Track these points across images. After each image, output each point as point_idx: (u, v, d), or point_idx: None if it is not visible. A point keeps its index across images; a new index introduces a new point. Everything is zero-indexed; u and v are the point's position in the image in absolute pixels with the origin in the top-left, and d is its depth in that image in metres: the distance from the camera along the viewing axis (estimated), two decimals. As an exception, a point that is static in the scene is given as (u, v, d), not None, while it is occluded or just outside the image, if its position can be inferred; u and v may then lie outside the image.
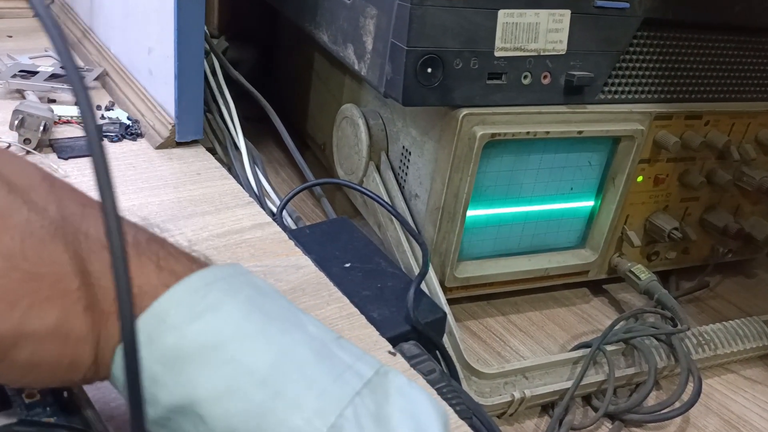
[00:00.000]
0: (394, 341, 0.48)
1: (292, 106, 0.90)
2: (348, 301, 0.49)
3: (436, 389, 0.45)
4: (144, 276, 0.27)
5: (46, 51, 0.79)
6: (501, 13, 0.51)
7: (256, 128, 0.79)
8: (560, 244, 0.66)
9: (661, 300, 0.63)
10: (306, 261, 0.52)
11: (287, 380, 0.26)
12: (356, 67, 0.58)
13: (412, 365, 0.46)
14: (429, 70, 0.51)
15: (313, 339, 0.28)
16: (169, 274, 0.28)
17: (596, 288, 0.73)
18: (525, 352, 0.62)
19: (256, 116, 0.80)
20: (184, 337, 0.26)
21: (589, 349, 0.57)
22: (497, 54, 0.53)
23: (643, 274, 0.65)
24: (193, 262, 0.30)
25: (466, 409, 0.45)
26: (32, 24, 0.89)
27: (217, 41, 0.93)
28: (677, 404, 0.56)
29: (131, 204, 0.55)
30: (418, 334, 0.49)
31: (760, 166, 0.70)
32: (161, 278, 0.27)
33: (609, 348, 0.58)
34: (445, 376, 0.47)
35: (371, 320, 0.48)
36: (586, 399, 0.58)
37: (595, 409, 0.56)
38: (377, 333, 0.46)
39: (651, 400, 0.58)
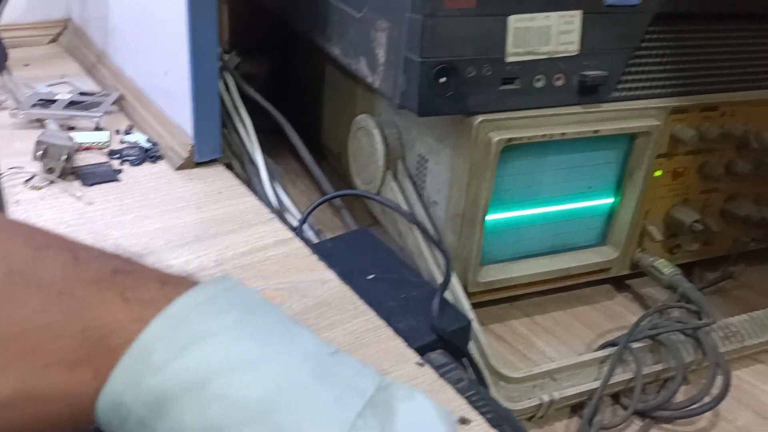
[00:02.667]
0: (421, 351, 0.49)
1: (307, 117, 0.91)
2: (374, 313, 0.49)
3: (466, 398, 0.45)
4: (109, 313, 0.25)
5: (62, 78, 0.80)
6: (512, 18, 0.52)
7: (271, 140, 0.80)
8: (581, 242, 0.66)
9: (686, 294, 0.63)
10: (330, 275, 0.53)
11: (284, 411, 0.25)
12: (369, 79, 0.58)
13: (440, 375, 0.47)
14: (443, 79, 0.51)
15: (310, 357, 0.27)
16: (137, 305, 0.26)
17: (619, 284, 0.72)
18: (551, 353, 0.62)
19: (271, 128, 0.81)
20: (167, 378, 0.24)
21: (615, 348, 0.57)
22: (509, 59, 0.53)
23: (667, 268, 0.65)
24: (166, 286, 0.27)
25: (497, 416, 0.45)
26: (47, 51, 0.90)
27: (229, 56, 0.94)
28: (706, 399, 0.56)
29: (155, 227, 0.56)
30: (444, 343, 0.50)
31: (779, 154, 0.70)
32: (129, 311, 0.26)
33: (635, 345, 0.58)
34: (473, 384, 0.47)
35: (398, 331, 0.49)
36: (615, 398, 0.58)
37: (624, 408, 0.56)
38: (404, 344, 0.47)
39: (680, 396, 0.58)
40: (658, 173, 0.64)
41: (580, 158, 0.60)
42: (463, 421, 0.41)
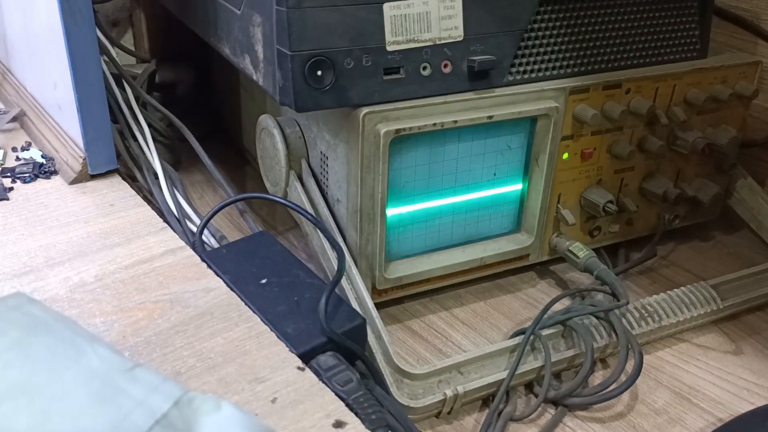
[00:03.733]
0: (311, 354, 0.47)
1: (229, 122, 0.89)
2: (259, 319, 0.48)
3: (352, 399, 0.44)
4: None
5: (-36, 97, 0.78)
6: (386, 6, 0.50)
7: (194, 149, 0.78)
8: (495, 231, 0.65)
9: (600, 276, 0.62)
10: (217, 283, 0.51)
11: None
12: (254, 77, 0.56)
13: (327, 377, 0.45)
14: (319, 72, 0.50)
15: (96, 377, 0.26)
16: None
17: (544, 270, 0.71)
18: (467, 345, 0.61)
19: (198, 136, 0.79)
20: None
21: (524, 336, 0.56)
22: (390, 48, 0.51)
23: (581, 251, 0.64)
24: None
25: (382, 416, 0.43)
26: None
27: (146, 65, 0.92)
28: (622, 379, 0.54)
29: (38, 244, 0.54)
30: (337, 345, 0.48)
31: (695, 127, 0.69)
32: None
33: (546, 332, 0.57)
34: (363, 385, 0.46)
35: (285, 336, 0.47)
36: (529, 387, 0.56)
37: (537, 397, 0.54)
38: (287, 349, 0.45)
39: (598, 381, 0.56)
40: (565, 156, 0.63)
41: (481, 145, 0.59)
42: (338, 424, 0.39)
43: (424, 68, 0.53)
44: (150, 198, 0.65)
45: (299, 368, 0.43)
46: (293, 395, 0.41)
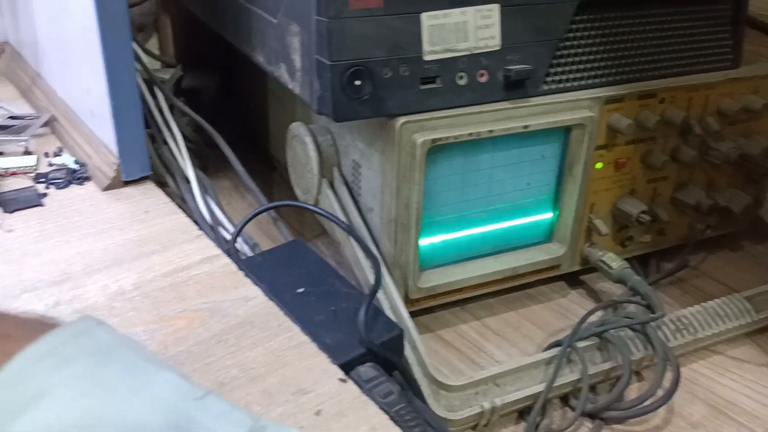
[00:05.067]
0: (351, 365, 0.47)
1: (256, 128, 0.89)
2: (299, 329, 0.48)
3: (393, 411, 0.44)
4: None
5: (-5, 102, 0.78)
6: (424, 16, 0.50)
7: (222, 155, 0.78)
8: (527, 240, 0.64)
9: (634, 287, 0.61)
10: (255, 292, 0.51)
11: None
12: (290, 86, 0.56)
13: (368, 389, 0.45)
14: (357, 82, 0.49)
15: (168, 406, 0.25)
16: None
17: (574, 280, 0.71)
18: (500, 356, 0.60)
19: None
20: None
21: (561, 348, 0.56)
22: (427, 58, 0.51)
23: (615, 262, 0.63)
24: (7, 341, 0.25)
25: (425, 430, 0.43)
26: (-17, 76, 0.88)
27: (173, 71, 0.93)
28: (659, 394, 0.54)
29: (75, 252, 0.54)
30: (374, 356, 0.48)
31: (727, 138, 0.68)
32: None
33: (582, 344, 0.56)
34: (404, 397, 0.45)
35: (324, 346, 0.47)
36: (565, 400, 0.56)
37: (574, 410, 0.54)
38: (328, 360, 0.45)
39: (634, 394, 0.56)
40: (599, 165, 0.62)
41: (516, 155, 0.59)
42: None
43: (461, 78, 0.53)
44: (181, 204, 0.65)
45: (341, 380, 0.43)
46: (337, 407, 0.41)
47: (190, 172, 0.65)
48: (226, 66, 0.96)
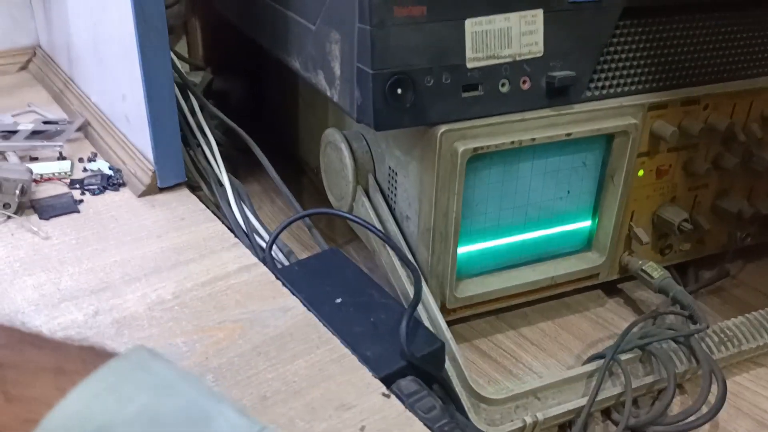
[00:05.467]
0: (391, 379, 0.46)
1: (285, 132, 0.89)
2: (339, 342, 0.47)
3: (437, 428, 0.43)
4: None
5: (29, 106, 0.79)
6: (468, 23, 0.49)
7: (250, 158, 0.77)
8: (565, 249, 0.63)
9: (676, 298, 0.60)
10: (294, 302, 0.50)
11: None
12: (328, 93, 0.56)
13: (410, 404, 0.44)
14: (399, 91, 0.49)
15: None
16: (23, 404, 0.23)
17: (610, 288, 0.69)
18: (538, 367, 0.59)
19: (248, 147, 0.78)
20: None
21: (602, 360, 0.54)
22: (470, 65, 0.50)
23: (656, 271, 0.62)
24: (60, 376, 0.25)
25: (469, 446, 0.42)
26: (16, 79, 0.89)
27: (202, 74, 0.92)
28: (703, 410, 0.53)
29: (113, 260, 0.54)
30: (415, 369, 0.47)
31: (770, 144, 0.66)
32: (14, 412, 0.23)
33: (624, 357, 0.55)
34: (448, 411, 0.45)
35: (364, 359, 0.46)
36: (606, 413, 0.55)
37: (616, 424, 0.53)
38: (370, 374, 0.44)
39: (676, 408, 0.55)
40: (640, 173, 0.61)
41: (556, 162, 0.58)
42: None
43: (503, 85, 0.52)
44: (215, 211, 0.64)
45: (384, 395, 0.43)
46: (381, 424, 0.40)
47: (225, 178, 0.64)
48: (253, 69, 0.96)
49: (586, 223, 0.63)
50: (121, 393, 0.24)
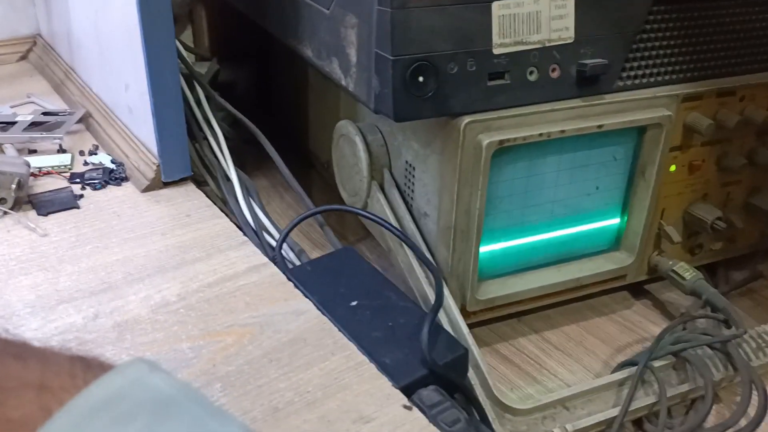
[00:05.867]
0: (412, 388, 0.43)
1: (294, 124, 0.86)
2: (355, 347, 0.44)
3: (462, 442, 0.40)
4: None
5: (28, 97, 0.75)
6: (495, 5, 0.46)
7: (258, 151, 0.74)
8: (592, 249, 0.60)
9: (710, 301, 0.57)
10: (307, 305, 0.47)
11: None
12: (343, 82, 0.52)
13: (432, 416, 0.41)
14: (421, 78, 0.45)
15: None
16: (4, 426, 0.21)
17: (637, 290, 0.66)
18: (564, 374, 0.56)
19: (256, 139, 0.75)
20: None
21: (634, 368, 0.51)
22: (496, 51, 0.47)
23: (688, 272, 0.59)
24: (44, 393, 0.22)
25: (498, 463, 0.39)
26: (16, 69, 0.85)
27: (208, 64, 0.89)
28: (742, 422, 0.49)
29: (115, 258, 0.51)
30: (437, 377, 0.44)
31: (807, 138, 0.63)
32: None
33: (657, 364, 0.52)
34: (473, 424, 0.41)
35: (383, 367, 0.43)
36: (638, 423, 0.52)
37: (649, 436, 0.50)
38: (390, 384, 0.41)
39: (712, 419, 0.51)
40: (672, 168, 0.58)
41: (585, 156, 0.54)
42: None
43: (531, 73, 0.49)
44: (222, 206, 0.61)
45: (405, 406, 0.39)
46: (404, 439, 0.37)
47: (232, 172, 0.61)
48: (262, 59, 0.92)
49: (615, 221, 0.59)
50: (117, 412, 0.21)
